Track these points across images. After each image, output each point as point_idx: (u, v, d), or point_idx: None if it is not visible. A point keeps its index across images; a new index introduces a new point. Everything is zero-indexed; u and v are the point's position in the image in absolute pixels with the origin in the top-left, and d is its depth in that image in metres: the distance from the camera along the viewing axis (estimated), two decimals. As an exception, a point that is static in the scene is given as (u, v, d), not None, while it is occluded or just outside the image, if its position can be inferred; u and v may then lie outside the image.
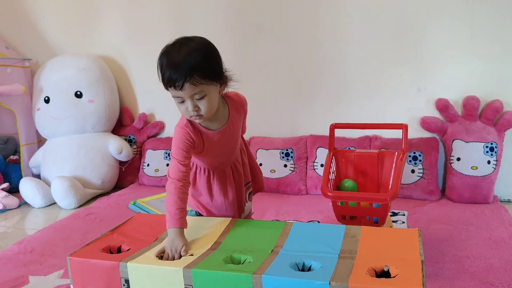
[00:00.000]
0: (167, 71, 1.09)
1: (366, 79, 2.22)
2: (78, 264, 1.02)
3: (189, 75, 1.07)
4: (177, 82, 1.08)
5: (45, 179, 2.41)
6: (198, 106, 1.12)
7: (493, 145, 1.99)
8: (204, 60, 1.11)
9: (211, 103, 1.13)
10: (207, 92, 1.11)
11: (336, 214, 1.46)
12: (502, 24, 1.99)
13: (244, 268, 0.93)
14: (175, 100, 1.14)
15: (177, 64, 1.08)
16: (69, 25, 2.67)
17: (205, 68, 1.10)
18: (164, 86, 1.13)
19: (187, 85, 1.08)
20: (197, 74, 1.08)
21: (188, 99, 1.11)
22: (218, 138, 1.23)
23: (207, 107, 1.12)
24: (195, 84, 1.08)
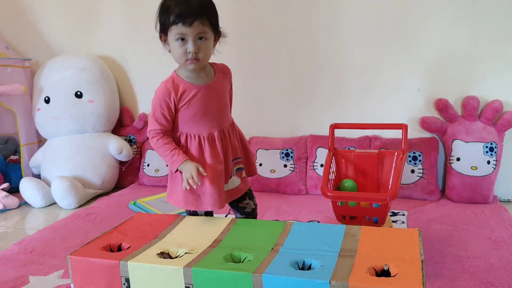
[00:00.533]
0: (177, 6, 1.15)
1: (366, 79, 2.22)
2: (79, 263, 1.02)
3: (200, 14, 1.15)
4: (187, 18, 1.14)
5: (45, 179, 2.41)
6: (199, 48, 1.18)
7: (493, 145, 1.99)
8: (212, 7, 1.21)
9: (208, 49, 1.20)
10: (208, 36, 1.19)
11: (336, 214, 1.46)
12: (502, 24, 1.99)
13: (244, 267, 0.94)
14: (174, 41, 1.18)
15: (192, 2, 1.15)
16: (69, 25, 2.67)
17: (213, 14, 1.20)
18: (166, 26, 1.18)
19: (197, 22, 1.14)
20: (206, 16, 1.16)
21: (191, 39, 1.16)
22: (203, 94, 1.25)
23: (205, 52, 1.19)
24: (202, 24, 1.16)
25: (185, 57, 1.19)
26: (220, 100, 1.30)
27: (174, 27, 1.16)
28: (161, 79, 2.90)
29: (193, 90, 1.24)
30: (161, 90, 1.25)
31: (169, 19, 1.16)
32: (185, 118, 1.26)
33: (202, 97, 1.25)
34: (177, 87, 1.23)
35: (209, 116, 1.26)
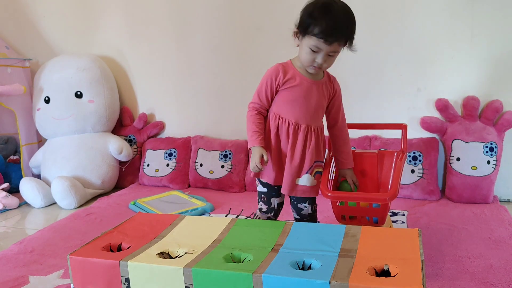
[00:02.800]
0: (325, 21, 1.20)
1: (366, 79, 2.22)
2: (79, 263, 1.02)
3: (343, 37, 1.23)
4: (330, 38, 1.21)
5: (45, 179, 2.41)
6: (327, 62, 1.27)
7: (493, 145, 1.99)
8: (354, 29, 1.27)
9: (333, 61, 1.30)
10: (338, 53, 1.28)
11: (336, 214, 1.46)
12: (502, 24, 1.99)
13: (244, 267, 0.94)
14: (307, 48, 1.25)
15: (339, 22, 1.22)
16: (69, 25, 2.67)
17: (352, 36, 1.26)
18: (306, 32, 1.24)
19: (336, 43, 1.22)
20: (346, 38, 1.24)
21: (323, 53, 1.25)
22: (306, 86, 1.34)
23: (329, 65, 1.29)
24: (339, 45, 1.24)
25: (311, 63, 1.28)
26: (318, 100, 1.36)
27: (314, 38, 1.23)
28: (161, 78, 2.91)
29: (300, 79, 1.34)
30: (272, 69, 1.36)
31: (313, 29, 1.22)
32: (283, 101, 1.35)
33: (304, 88, 1.34)
34: (286, 71, 1.34)
35: (304, 108, 1.35)
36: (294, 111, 1.35)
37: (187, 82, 2.53)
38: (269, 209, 1.47)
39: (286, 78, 1.33)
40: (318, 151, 1.40)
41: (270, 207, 1.47)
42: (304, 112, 1.35)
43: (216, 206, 2.09)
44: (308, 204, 1.45)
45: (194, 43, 2.44)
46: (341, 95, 1.44)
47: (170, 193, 2.29)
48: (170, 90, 2.58)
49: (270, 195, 1.45)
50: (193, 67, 2.49)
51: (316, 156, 1.39)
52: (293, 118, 1.35)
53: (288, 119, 1.35)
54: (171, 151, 2.49)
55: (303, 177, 1.39)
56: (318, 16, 1.22)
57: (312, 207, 1.47)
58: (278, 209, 1.48)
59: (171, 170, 2.46)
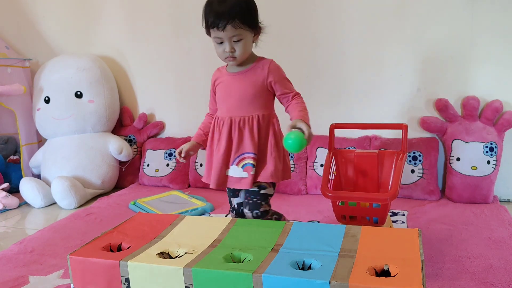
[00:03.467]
0: (212, 14, 1.26)
1: (366, 79, 2.22)
2: (79, 263, 1.02)
3: (231, 18, 1.24)
4: (220, 23, 1.25)
5: (45, 179, 2.41)
6: (234, 48, 1.29)
7: (492, 145, 1.99)
8: (245, 7, 1.29)
9: (245, 47, 1.31)
10: (244, 36, 1.29)
11: (336, 214, 1.47)
12: (502, 24, 1.99)
13: (244, 267, 0.93)
14: (214, 42, 1.31)
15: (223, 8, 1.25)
16: (69, 25, 2.67)
17: (245, 15, 1.28)
18: (207, 29, 1.31)
19: (229, 27, 1.25)
20: (238, 19, 1.25)
21: (227, 41, 1.28)
22: (228, 81, 1.38)
23: (241, 50, 1.30)
24: (235, 27, 1.26)
25: (224, 55, 1.31)
26: (242, 90, 1.36)
27: (212, 30, 1.29)
28: (161, 79, 2.91)
29: (224, 77, 1.40)
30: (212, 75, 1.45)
31: (208, 21, 1.29)
32: (216, 100, 1.44)
33: (226, 83, 1.39)
34: (217, 73, 1.43)
35: (226, 102, 1.39)
36: (220, 108, 1.41)
37: (187, 82, 2.53)
38: (232, 209, 1.48)
39: (215, 78, 1.43)
40: (248, 143, 1.34)
41: (231, 207, 1.47)
42: (227, 106, 1.38)
43: (216, 206, 2.09)
44: (248, 210, 1.39)
45: (194, 43, 2.44)
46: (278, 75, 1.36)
47: (170, 193, 2.29)
48: (170, 90, 2.58)
49: (228, 195, 1.47)
50: (193, 67, 2.49)
51: (244, 148, 1.35)
52: (220, 114, 1.40)
53: (218, 116, 1.41)
54: (171, 151, 2.49)
55: (231, 168, 1.37)
56: (208, 7, 1.29)
57: (252, 213, 1.38)
58: (240, 209, 1.44)
59: (171, 170, 2.46)
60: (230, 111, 1.37)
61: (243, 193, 1.42)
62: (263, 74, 1.36)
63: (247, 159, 1.35)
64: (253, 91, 1.36)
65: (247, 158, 1.35)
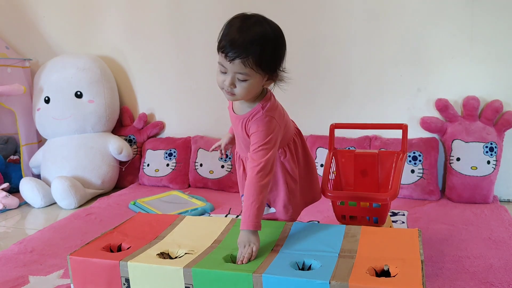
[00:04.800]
0: (227, 37, 1.06)
1: (366, 79, 2.22)
2: (79, 263, 1.02)
3: (245, 54, 1.04)
4: (230, 53, 1.04)
5: (45, 179, 2.41)
6: (235, 85, 1.09)
7: (492, 145, 1.99)
8: (269, 50, 1.08)
9: (248, 90, 1.10)
10: (251, 78, 1.08)
11: (336, 214, 1.46)
12: (502, 24, 1.99)
13: (244, 267, 0.94)
14: (218, 66, 1.10)
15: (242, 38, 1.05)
16: (69, 25, 2.67)
17: (264, 58, 1.07)
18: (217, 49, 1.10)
19: (238, 61, 1.05)
20: (252, 58, 1.05)
21: (230, 74, 1.08)
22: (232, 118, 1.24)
23: (242, 91, 1.09)
24: (244, 65, 1.05)
25: (221, 86, 1.11)
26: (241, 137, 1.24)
27: (220, 54, 1.09)
28: (161, 78, 2.91)
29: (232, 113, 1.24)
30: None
31: (220, 42, 1.09)
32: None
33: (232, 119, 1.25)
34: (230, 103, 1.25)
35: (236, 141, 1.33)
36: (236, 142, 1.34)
37: (187, 82, 2.53)
38: None
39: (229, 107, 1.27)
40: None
41: None
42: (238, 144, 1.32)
43: (216, 206, 2.09)
44: None
45: (194, 43, 2.44)
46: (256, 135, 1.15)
47: (170, 193, 2.29)
48: (170, 90, 2.58)
49: None
50: (193, 67, 2.49)
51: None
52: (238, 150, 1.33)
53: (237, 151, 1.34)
54: (171, 151, 2.49)
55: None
56: (226, 28, 1.09)
57: None
58: None
59: (171, 170, 2.46)
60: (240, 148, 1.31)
61: None
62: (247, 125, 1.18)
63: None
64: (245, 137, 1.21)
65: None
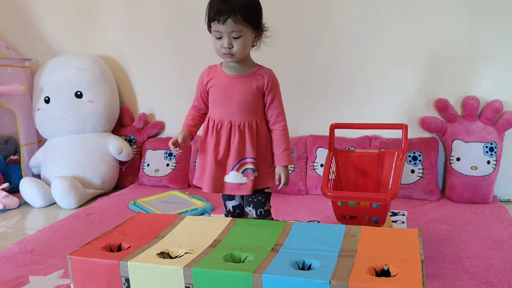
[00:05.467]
0: (215, 7, 1.24)
1: (366, 79, 2.22)
2: (79, 263, 1.02)
3: (233, 13, 1.22)
4: (221, 16, 1.22)
5: (45, 179, 2.41)
6: (232, 44, 1.26)
7: (492, 145, 1.99)
8: (251, 8, 1.27)
9: (244, 45, 1.28)
10: (244, 34, 1.26)
11: (336, 214, 1.47)
12: (502, 24, 1.99)
13: (244, 267, 0.94)
14: (213, 37, 1.28)
15: (227, 4, 1.23)
16: (69, 25, 2.67)
17: (248, 12, 1.25)
18: (208, 22, 1.28)
19: (229, 21, 1.23)
20: (240, 14, 1.23)
21: (226, 36, 1.25)
22: (225, 83, 1.34)
23: (240, 47, 1.27)
24: (235, 22, 1.23)
25: (221, 51, 1.28)
26: (242, 95, 1.33)
27: (213, 23, 1.26)
28: (161, 78, 2.91)
29: (219, 77, 1.36)
30: (203, 71, 1.40)
31: (209, 14, 1.27)
32: (210, 101, 1.39)
33: (223, 85, 1.35)
34: (210, 72, 1.38)
35: (224, 105, 1.35)
36: (217, 109, 1.37)
37: (187, 82, 2.52)
38: (227, 212, 1.47)
39: (208, 78, 1.37)
40: (248, 147, 1.34)
41: (226, 210, 1.47)
42: (225, 109, 1.34)
43: (216, 206, 2.09)
44: (252, 208, 1.40)
45: (194, 42, 2.44)
46: (275, 90, 1.36)
47: (170, 193, 2.29)
48: (170, 90, 2.58)
49: (223, 198, 1.46)
50: (193, 67, 2.48)
51: (243, 153, 1.34)
52: (217, 117, 1.36)
53: (214, 118, 1.37)
54: (171, 151, 2.49)
55: (230, 174, 1.35)
56: (210, 3, 1.27)
57: (256, 211, 1.40)
58: (235, 212, 1.45)
59: (171, 170, 2.46)
60: (230, 115, 1.34)
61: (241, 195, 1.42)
62: (263, 82, 1.35)
63: (248, 164, 1.34)
64: (254, 96, 1.34)
65: (248, 163, 1.34)
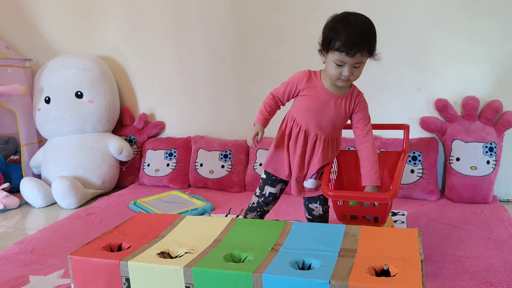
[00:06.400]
0: (345, 34, 1.22)
1: (366, 79, 2.19)
2: (79, 263, 1.02)
3: (363, 47, 1.23)
4: (351, 50, 1.22)
5: (45, 179, 2.41)
6: (353, 73, 1.28)
7: (492, 145, 1.99)
8: (374, 36, 1.28)
9: (360, 72, 1.30)
10: (363, 64, 1.29)
11: (337, 213, 1.47)
12: (502, 24, 1.99)
13: (244, 266, 0.94)
14: (332, 63, 1.27)
15: (358, 33, 1.22)
16: (69, 25, 2.67)
17: (373, 44, 1.27)
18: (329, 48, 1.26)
19: (358, 55, 1.23)
20: (368, 48, 1.25)
21: (349, 66, 1.26)
22: (323, 99, 1.36)
23: (357, 75, 1.29)
24: (362, 55, 1.25)
25: (338, 77, 1.29)
26: (335, 114, 1.38)
27: (337, 52, 1.25)
28: (161, 78, 2.90)
29: (318, 88, 1.36)
30: (300, 74, 1.40)
31: (334, 44, 1.24)
32: (299, 106, 1.41)
33: (320, 99, 1.37)
34: (310, 79, 1.38)
35: (316, 118, 1.38)
36: (306, 119, 1.39)
37: (187, 82, 2.53)
38: (260, 195, 1.52)
39: (306, 85, 1.38)
40: (325, 157, 1.44)
41: (261, 193, 1.51)
42: (315, 122, 1.39)
43: (216, 206, 2.09)
44: (319, 204, 1.48)
45: (194, 43, 2.44)
46: (364, 111, 1.43)
47: (170, 193, 2.29)
48: (170, 90, 2.58)
49: (266, 182, 1.50)
50: (193, 67, 2.50)
51: (322, 163, 1.43)
52: (304, 125, 1.40)
53: (300, 124, 1.41)
54: (171, 151, 2.49)
55: (309, 181, 1.45)
56: (338, 30, 1.24)
57: (323, 208, 1.50)
58: (269, 199, 1.51)
59: (171, 170, 2.46)
60: (318, 128, 1.40)
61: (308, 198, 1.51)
62: (354, 105, 1.40)
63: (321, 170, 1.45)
64: (344, 118, 1.41)
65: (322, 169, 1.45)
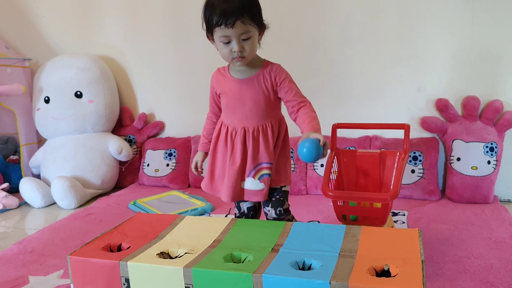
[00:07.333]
0: (217, 12, 1.17)
1: (366, 79, 2.22)
2: (79, 263, 1.02)
3: (240, 14, 1.16)
4: (229, 19, 1.16)
5: (45, 179, 2.41)
6: (243, 47, 1.21)
7: (493, 145, 1.99)
8: (252, 3, 1.22)
9: (254, 46, 1.23)
10: (252, 34, 1.21)
11: (337, 214, 1.46)
12: (502, 24, 1.99)
13: (244, 267, 0.93)
14: (219, 42, 1.21)
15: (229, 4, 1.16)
16: (69, 25, 2.67)
17: (253, 11, 1.21)
18: (211, 28, 1.21)
19: (238, 23, 1.17)
20: (247, 14, 1.18)
21: (235, 39, 1.19)
22: (235, 88, 1.29)
23: (250, 48, 1.22)
24: (244, 23, 1.18)
25: (231, 55, 1.22)
26: (253, 97, 1.28)
27: (218, 29, 1.19)
28: (161, 78, 2.91)
29: (230, 83, 1.31)
30: (211, 77, 1.36)
31: (212, 21, 1.19)
32: (222, 106, 1.35)
33: (234, 90, 1.30)
34: (219, 76, 1.33)
35: (237, 111, 1.31)
36: (230, 116, 1.32)
37: (187, 82, 2.53)
38: (240, 214, 1.41)
39: (218, 84, 1.33)
40: (263, 153, 1.30)
41: (240, 212, 1.41)
42: (238, 115, 1.30)
43: (216, 206, 2.09)
44: (271, 207, 1.36)
45: (194, 43, 2.44)
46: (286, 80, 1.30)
47: (170, 193, 2.29)
48: (170, 90, 2.58)
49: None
50: (193, 67, 2.49)
51: (259, 159, 1.30)
52: (230, 123, 1.32)
53: (227, 124, 1.33)
54: (171, 151, 2.49)
55: (247, 180, 1.31)
56: (213, 5, 1.19)
57: (275, 211, 1.35)
58: (250, 213, 1.40)
59: (171, 170, 2.46)
60: (243, 121, 1.30)
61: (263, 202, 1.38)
62: (272, 79, 1.29)
63: (264, 169, 1.31)
64: (266, 98, 1.29)
65: (264, 169, 1.31)
